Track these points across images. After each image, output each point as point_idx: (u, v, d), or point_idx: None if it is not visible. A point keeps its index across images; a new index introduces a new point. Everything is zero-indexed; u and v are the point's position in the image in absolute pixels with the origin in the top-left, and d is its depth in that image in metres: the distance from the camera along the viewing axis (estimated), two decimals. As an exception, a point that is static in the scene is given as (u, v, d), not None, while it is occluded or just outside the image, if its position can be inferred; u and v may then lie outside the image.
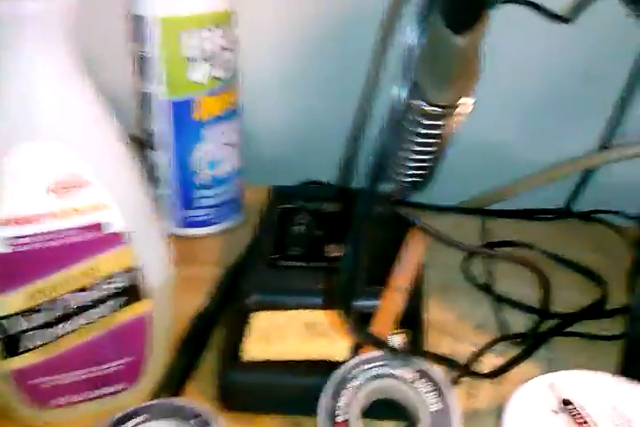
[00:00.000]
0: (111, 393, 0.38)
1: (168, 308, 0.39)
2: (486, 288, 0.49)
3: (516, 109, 0.61)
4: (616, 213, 0.58)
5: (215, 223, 0.57)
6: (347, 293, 0.31)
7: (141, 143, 0.56)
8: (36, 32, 0.29)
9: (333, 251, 0.46)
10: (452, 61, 0.34)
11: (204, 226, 0.57)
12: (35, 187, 0.31)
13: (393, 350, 0.36)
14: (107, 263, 0.33)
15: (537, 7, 0.40)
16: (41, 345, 0.34)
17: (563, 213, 0.60)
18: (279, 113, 0.68)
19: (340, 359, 0.37)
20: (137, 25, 0.49)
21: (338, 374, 0.35)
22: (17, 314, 0.33)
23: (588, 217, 0.59)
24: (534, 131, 0.62)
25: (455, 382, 0.39)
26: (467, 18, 0.32)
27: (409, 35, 0.29)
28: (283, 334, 0.40)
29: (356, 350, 0.38)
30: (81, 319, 0.34)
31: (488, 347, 0.43)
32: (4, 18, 0.29)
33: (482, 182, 0.62)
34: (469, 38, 0.33)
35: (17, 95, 0.30)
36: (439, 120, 0.39)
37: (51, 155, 0.31)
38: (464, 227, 0.58)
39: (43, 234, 0.32)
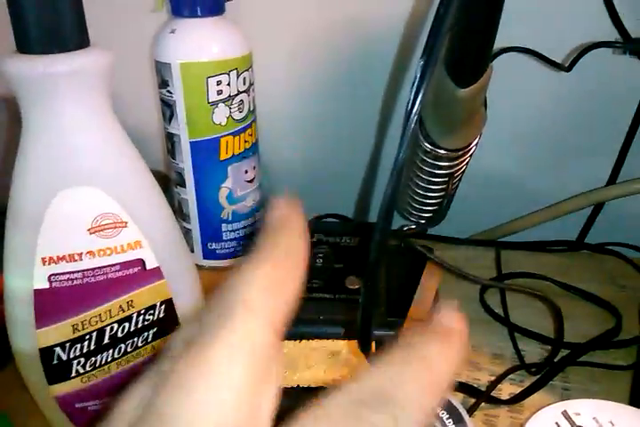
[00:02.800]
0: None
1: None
2: (502, 318, 0.51)
3: (528, 144, 0.63)
4: (627, 245, 0.60)
5: (239, 255, 0.59)
6: (365, 326, 0.33)
7: (168, 180, 0.58)
8: (74, 89, 0.32)
9: (353, 283, 0.48)
10: (457, 111, 0.37)
11: (229, 258, 0.59)
12: (75, 229, 0.33)
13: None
14: (145, 297, 0.36)
15: (538, 55, 0.43)
16: (88, 371, 0.36)
17: (575, 246, 0.62)
18: (293, 149, 0.70)
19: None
20: (161, 71, 0.52)
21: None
22: (66, 342, 0.35)
23: (600, 249, 0.60)
24: (546, 165, 0.64)
25: (474, 408, 0.40)
26: (470, 72, 0.34)
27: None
28: (308, 362, 0.42)
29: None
30: (124, 348, 0.37)
31: (506, 375, 0.44)
32: (41, 77, 0.31)
33: (496, 215, 0.64)
34: (473, 90, 0.35)
35: (58, 146, 0.32)
36: (450, 162, 0.42)
37: (89, 199, 0.33)
38: (479, 259, 0.60)
39: (82, 271, 0.34)
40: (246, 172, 0.57)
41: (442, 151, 0.41)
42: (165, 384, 0.17)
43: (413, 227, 0.53)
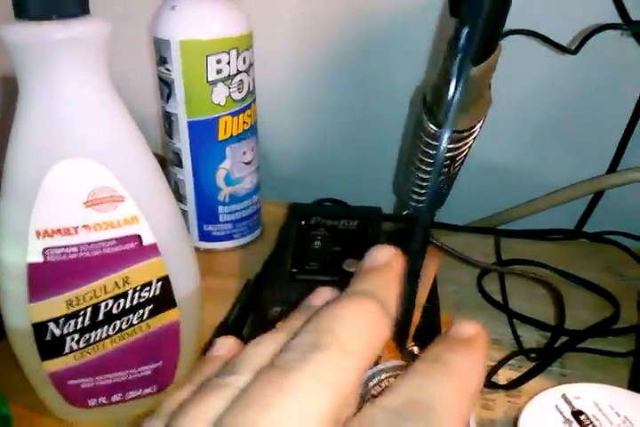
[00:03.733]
0: (140, 396, 0.40)
1: (196, 315, 0.40)
2: (500, 305, 0.51)
3: (528, 132, 0.63)
4: (625, 234, 0.59)
5: (235, 238, 0.59)
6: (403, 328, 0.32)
7: (164, 161, 0.58)
8: (71, 57, 0.31)
9: (351, 266, 0.48)
10: (465, 91, 0.36)
11: (225, 240, 0.59)
12: (71, 201, 0.33)
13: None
14: (141, 273, 0.35)
15: (543, 38, 0.42)
16: (82, 348, 0.36)
17: (574, 234, 0.62)
18: (291, 133, 0.70)
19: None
20: (160, 48, 0.51)
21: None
22: (59, 318, 0.34)
23: (598, 237, 0.60)
24: (546, 153, 0.63)
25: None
26: (481, 51, 0.34)
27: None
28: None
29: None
30: (118, 324, 0.36)
31: (506, 360, 0.44)
32: (39, 44, 0.30)
33: (495, 203, 0.64)
34: (482, 69, 0.34)
35: (54, 116, 0.32)
36: (453, 144, 0.41)
37: (86, 172, 0.33)
38: (478, 246, 0.59)
39: (78, 245, 0.33)
40: (244, 153, 0.56)
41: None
42: (244, 399, 0.17)
43: (413, 212, 0.52)
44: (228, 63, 0.51)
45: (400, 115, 0.65)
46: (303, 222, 0.53)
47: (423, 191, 0.49)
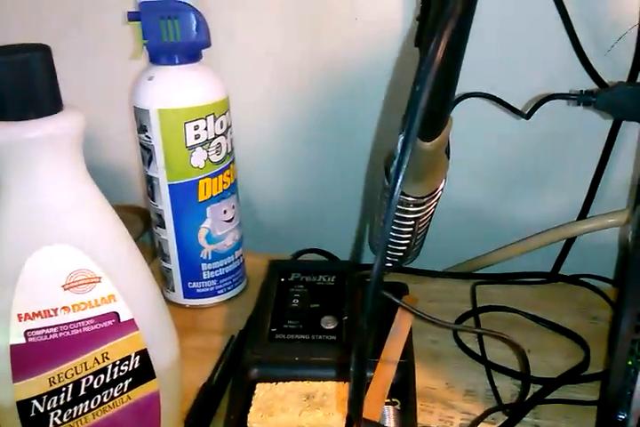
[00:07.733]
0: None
1: (176, 384, 0.42)
2: (476, 354, 0.52)
3: (502, 181, 0.65)
4: (600, 277, 0.61)
5: (220, 293, 0.61)
6: (356, 402, 0.33)
7: (149, 218, 0.60)
8: (47, 151, 0.33)
9: (329, 323, 0.49)
10: (422, 163, 0.38)
11: (210, 296, 0.60)
12: (50, 285, 0.35)
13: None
14: (120, 348, 0.37)
15: (498, 101, 0.44)
16: (65, 422, 0.37)
17: (552, 277, 0.63)
18: (276, 185, 0.72)
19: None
20: (140, 117, 0.54)
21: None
22: (43, 395, 0.36)
23: (574, 280, 0.62)
24: (519, 199, 0.65)
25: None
26: (433, 128, 0.36)
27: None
28: (284, 405, 0.43)
29: (350, 421, 0.41)
30: (100, 398, 0.37)
31: (483, 417, 0.45)
32: (15, 142, 0.33)
33: (473, 247, 0.66)
34: (436, 143, 0.36)
35: (33, 208, 0.34)
36: (416, 207, 0.43)
37: (64, 257, 0.35)
38: (455, 292, 0.61)
39: (58, 326, 0.35)
40: (225, 212, 0.58)
41: (409, 198, 0.42)
42: None
43: (389, 265, 0.54)
44: (206, 128, 0.54)
45: (375, 170, 0.67)
46: (282, 279, 0.55)
47: (393, 247, 0.51)
